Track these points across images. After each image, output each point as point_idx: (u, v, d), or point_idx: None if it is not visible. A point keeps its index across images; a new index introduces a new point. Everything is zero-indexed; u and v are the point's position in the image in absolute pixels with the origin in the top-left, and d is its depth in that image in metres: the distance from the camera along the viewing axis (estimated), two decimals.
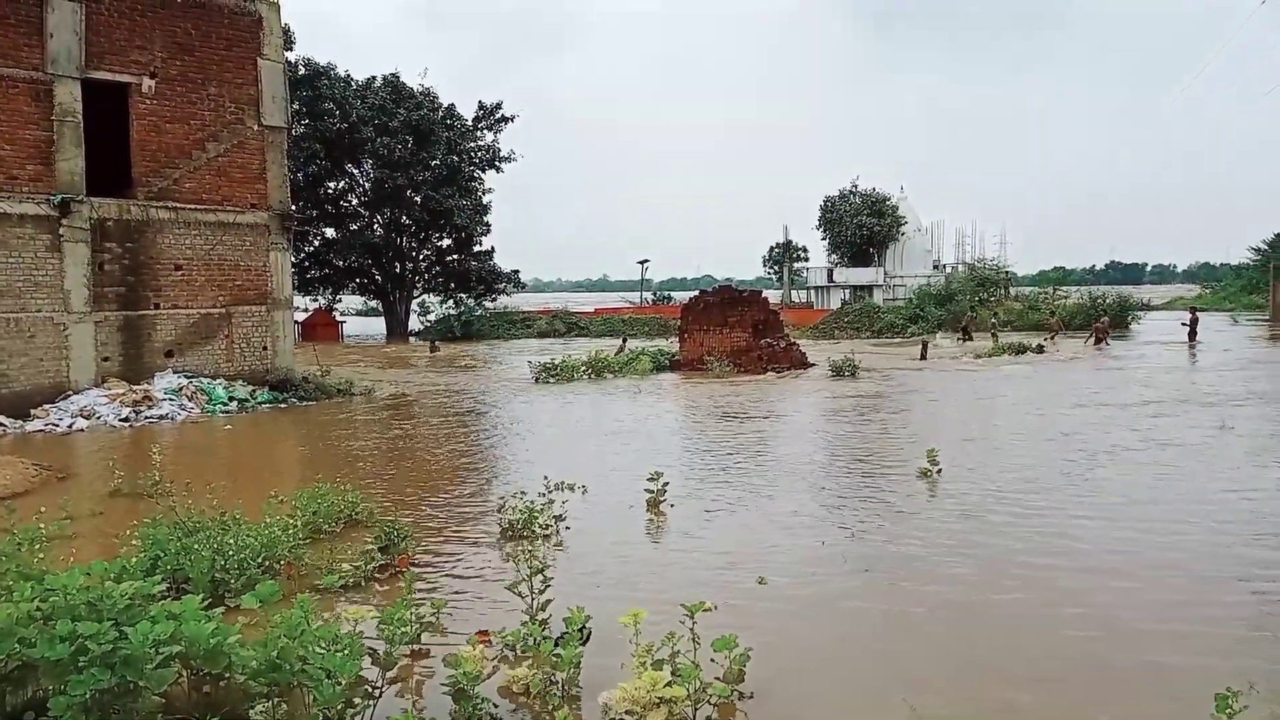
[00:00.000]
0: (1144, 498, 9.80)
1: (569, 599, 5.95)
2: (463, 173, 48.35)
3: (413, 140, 45.76)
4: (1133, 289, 70.42)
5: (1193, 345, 32.09)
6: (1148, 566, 7.44)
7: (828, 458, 12.90)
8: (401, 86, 46.89)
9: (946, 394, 20.39)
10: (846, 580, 7.24)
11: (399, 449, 13.99)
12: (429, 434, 15.51)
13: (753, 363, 25.86)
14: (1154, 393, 18.99)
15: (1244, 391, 18.82)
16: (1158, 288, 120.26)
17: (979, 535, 8.42)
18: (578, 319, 50.25)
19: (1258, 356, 28.64)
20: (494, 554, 8.08)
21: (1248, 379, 21.38)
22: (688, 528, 8.94)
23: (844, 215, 61.25)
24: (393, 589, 6.87)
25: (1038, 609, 6.53)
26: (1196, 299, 71.25)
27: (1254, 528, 8.49)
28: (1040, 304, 45.83)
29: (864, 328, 43.76)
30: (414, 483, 11.37)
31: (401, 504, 10.03)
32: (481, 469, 12.56)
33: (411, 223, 48.13)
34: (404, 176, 45.17)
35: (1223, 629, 6.09)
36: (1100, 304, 42.95)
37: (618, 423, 16.48)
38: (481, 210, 49.73)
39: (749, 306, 27.36)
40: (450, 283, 50.51)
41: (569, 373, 24.16)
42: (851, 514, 9.34)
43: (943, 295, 47.24)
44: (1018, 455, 12.38)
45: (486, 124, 49.83)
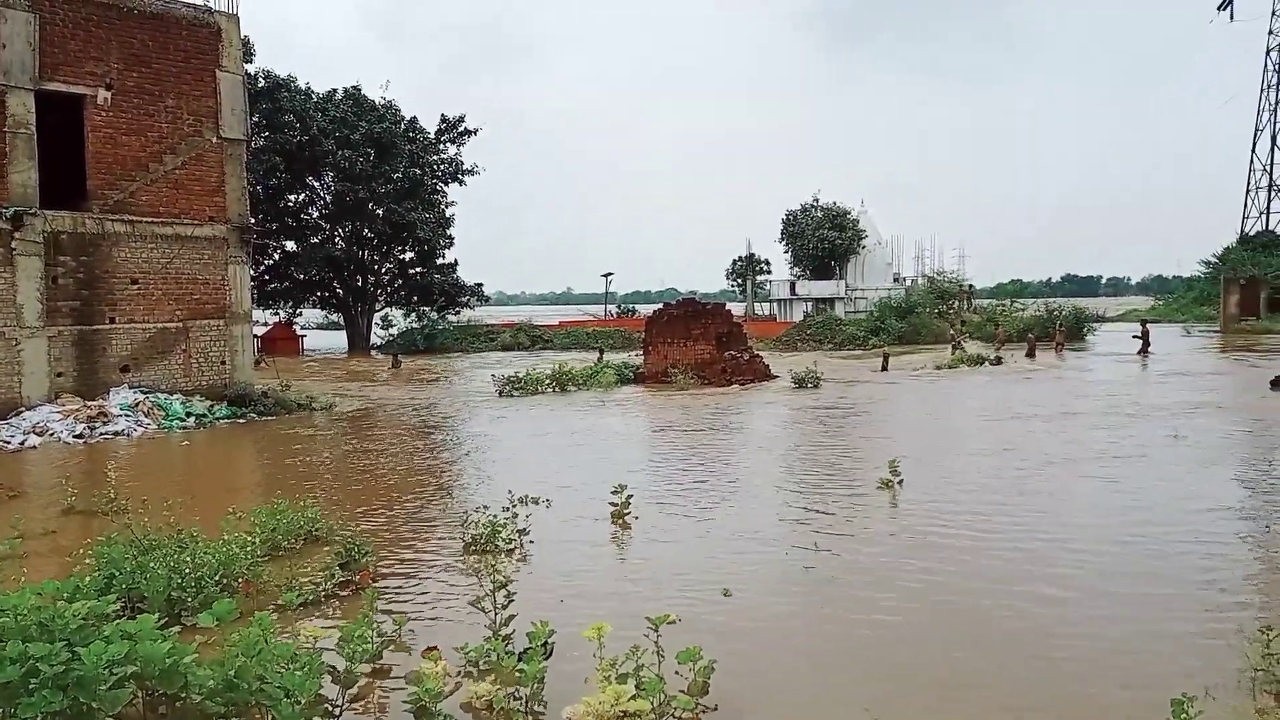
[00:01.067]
0: (1101, 506, 9.96)
1: (533, 613, 5.92)
2: (425, 186, 48.08)
3: (374, 153, 45.44)
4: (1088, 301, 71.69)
5: (1145, 356, 32.72)
6: (1109, 578, 7.55)
7: (791, 469, 12.97)
8: (363, 99, 46.58)
9: (907, 405, 20.60)
10: (810, 592, 7.28)
11: (360, 464, 13.84)
12: (391, 449, 15.37)
13: (717, 375, 25.95)
14: (1106, 403, 19.32)
15: (1196, 401, 19.21)
16: (1112, 300, 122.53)
17: (941, 546, 8.50)
18: (542, 332, 50.07)
19: (1208, 368, 29.26)
20: (457, 569, 8.01)
21: (1199, 389, 21.82)
22: (652, 540, 8.94)
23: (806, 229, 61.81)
24: (354, 606, 6.79)
25: (1000, 620, 6.61)
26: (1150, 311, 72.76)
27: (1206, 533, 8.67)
28: (998, 316, 46.50)
29: (826, 340, 44.08)
30: (376, 498, 11.25)
31: (363, 519, 9.91)
32: (444, 483, 12.46)
33: (373, 236, 47.73)
34: (365, 189, 44.82)
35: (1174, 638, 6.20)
36: (1056, 316, 43.64)
37: (582, 436, 16.44)
38: (444, 223, 49.46)
39: (713, 319, 27.48)
40: (413, 296, 50.14)
41: (533, 386, 24.08)
42: (815, 525, 9.39)
43: (903, 308, 47.78)
44: (977, 465, 12.53)
45: (449, 137, 49.62)
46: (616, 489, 9.69)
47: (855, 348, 42.31)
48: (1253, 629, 5.54)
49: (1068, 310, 45.61)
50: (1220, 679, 5.32)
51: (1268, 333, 45.68)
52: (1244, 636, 5.74)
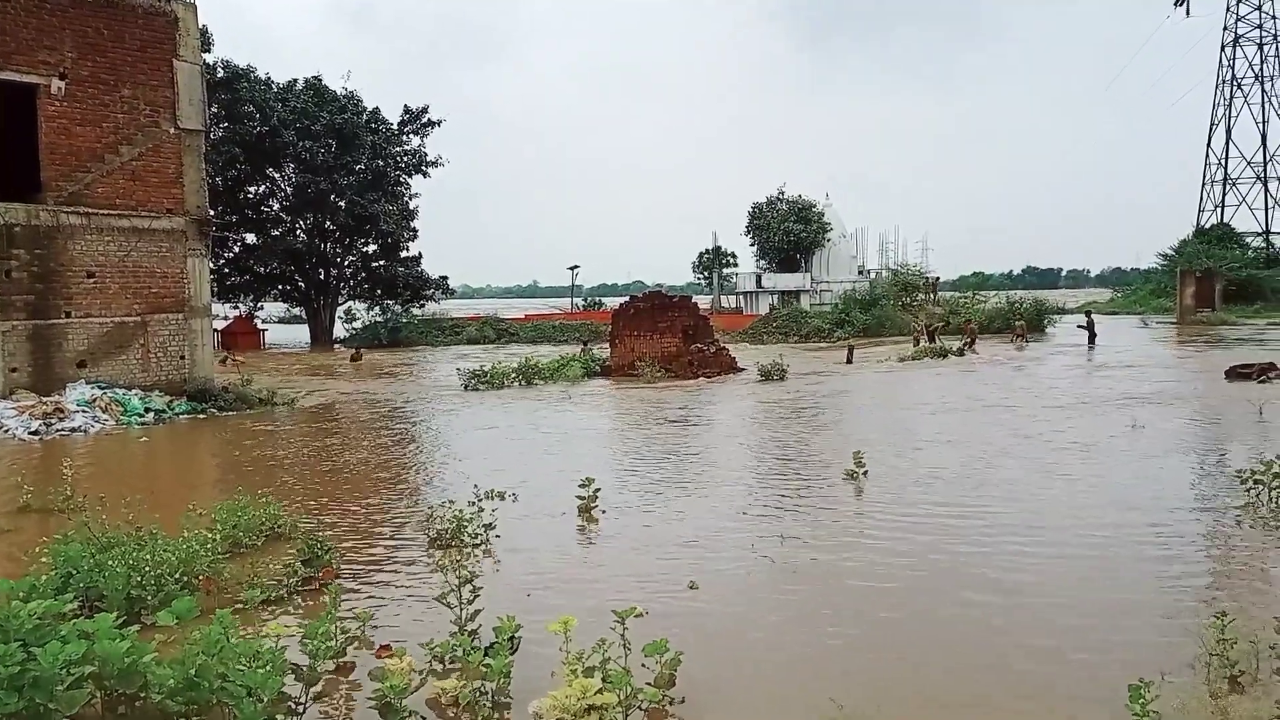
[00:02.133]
0: (1062, 494, 10.13)
1: (499, 608, 5.90)
2: (388, 177, 47.68)
3: (336, 144, 44.97)
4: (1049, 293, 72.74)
5: (1091, 348, 33.30)
6: (1070, 565, 7.69)
7: (757, 461, 13.05)
8: (324, 90, 46.06)
9: (872, 397, 20.78)
10: (776, 584, 7.33)
11: (323, 459, 13.71)
12: (354, 444, 15.24)
13: (683, 368, 26.01)
14: (1065, 394, 19.64)
15: (1154, 391, 19.57)
16: (1072, 292, 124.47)
17: (906, 537, 8.59)
18: (508, 325, 49.88)
19: (1165, 359, 29.83)
20: (422, 565, 7.97)
21: (1157, 380, 22.23)
22: (619, 533, 8.95)
23: (771, 222, 62.09)
24: (317, 603, 6.72)
25: (963, 610, 6.70)
26: (1108, 303, 74.14)
27: (1166, 523, 8.85)
28: (961, 308, 47.02)
29: (792, 332, 44.35)
30: (339, 494, 11.15)
31: (326, 516, 9.83)
32: (409, 478, 12.39)
33: (336, 228, 47.25)
34: (327, 181, 44.34)
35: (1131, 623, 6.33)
36: (1017, 308, 44.20)
37: (549, 429, 16.42)
38: (408, 215, 49.09)
39: (679, 312, 27.56)
40: (376, 289, 49.74)
41: (499, 379, 23.98)
42: (780, 517, 9.45)
43: (868, 300, 48.18)
44: (940, 456, 12.67)
45: (413, 128, 49.23)
46: (583, 483, 9.69)
47: (821, 340, 42.61)
48: (1208, 615, 5.66)
49: (1029, 302, 46.23)
50: (1176, 664, 5.44)
51: (1223, 324, 46.73)
52: (1200, 622, 5.86)
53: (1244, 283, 58.68)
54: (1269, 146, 73.42)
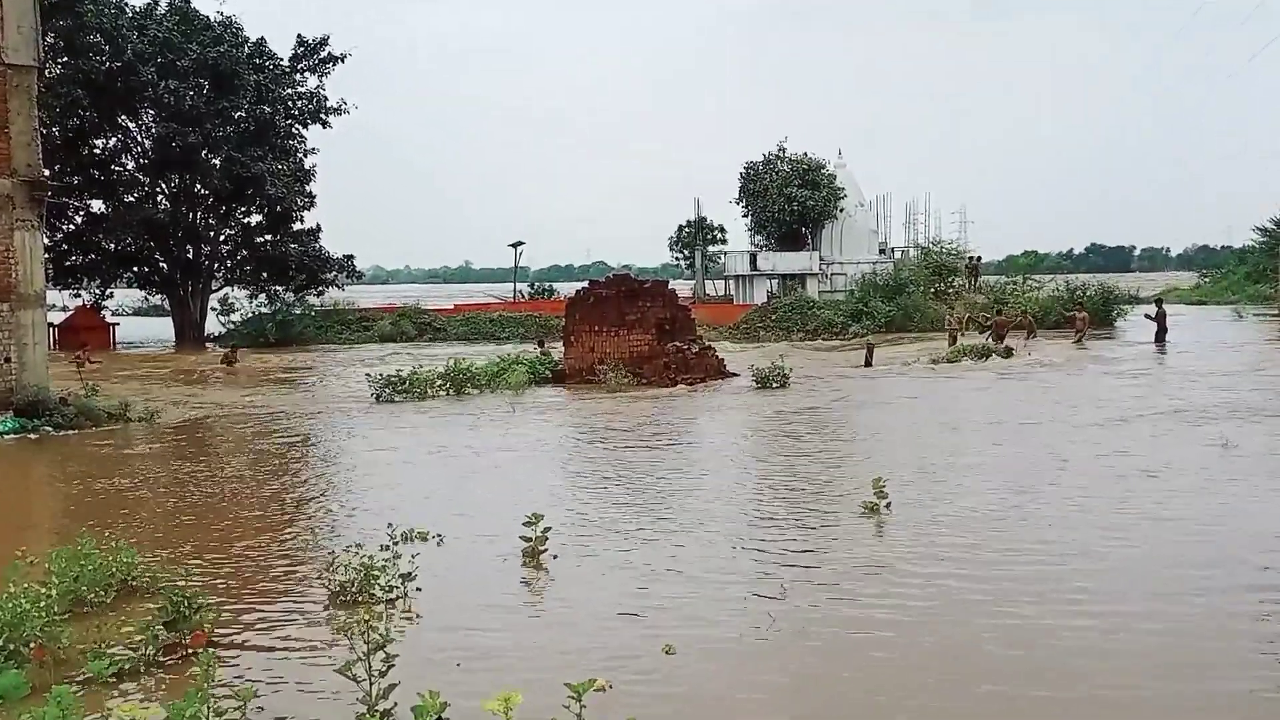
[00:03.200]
0: (1133, 541, 10.24)
1: (420, 682, 5.86)
2: (277, 128, 47.33)
3: (210, 85, 44.57)
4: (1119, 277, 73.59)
5: (1161, 345, 33.71)
6: (1129, 624, 7.77)
7: (751, 492, 13.07)
8: (194, 15, 45.70)
9: (897, 410, 20.92)
10: (775, 649, 7.34)
11: (192, 492, 13.56)
12: (233, 472, 15.09)
13: (658, 373, 26.03)
14: (1136, 405, 19.85)
15: (1247, 403, 19.84)
16: (1148, 276, 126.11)
17: (935, 589, 8.64)
18: (432, 319, 49.67)
19: (1263, 361, 30.26)
20: (321, 626, 7.91)
21: (1251, 388, 22.55)
22: (576, 584, 8.93)
23: (770, 187, 62.12)
24: (183, 677, 6.65)
25: (1007, 691, 6.74)
26: (1194, 290, 75.14)
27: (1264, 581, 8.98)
28: (1009, 296, 47.43)
29: (796, 327, 44.54)
30: (213, 536, 11.03)
31: (196, 564, 9.72)
32: (304, 516, 12.27)
33: (209, 193, 46.83)
34: (198, 132, 43.88)
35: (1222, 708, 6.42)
36: (1079, 296, 44.63)
37: (485, 453, 16.34)
38: (303, 177, 48.78)
39: (652, 301, 27.54)
40: (262, 272, 49.34)
41: (421, 388, 23.86)
42: (782, 564, 9.47)
43: (892, 286, 48.31)
44: (980, 485, 12.77)
45: (309, 65, 48.93)
46: (530, 520, 9.65)
47: (832, 336, 42.87)
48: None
49: (1093, 288, 46.70)
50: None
51: None
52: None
53: None
54: None
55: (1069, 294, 45.78)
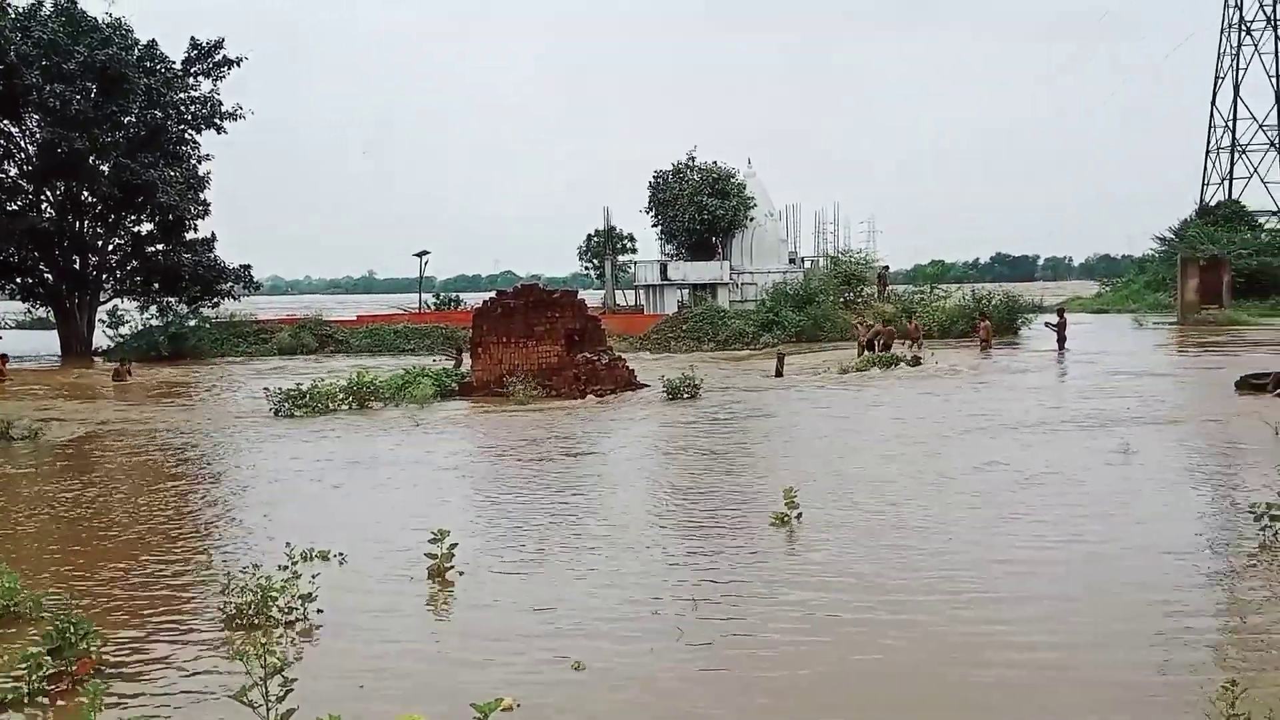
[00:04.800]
0: (1037, 545, 10.49)
1: (321, 706, 5.77)
2: (169, 133, 46.38)
3: (98, 88, 43.50)
4: (1023, 286, 75.41)
5: (1061, 353, 34.68)
6: (1051, 623, 7.97)
7: (661, 505, 13.12)
8: (81, 16, 44.56)
9: (808, 420, 21.16)
10: (685, 662, 7.38)
11: (80, 513, 13.21)
12: (123, 492, 14.73)
13: (568, 384, 25.99)
14: (1043, 413, 20.36)
15: (1148, 409, 20.48)
16: (1052, 285, 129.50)
17: (846, 598, 8.76)
18: (335, 330, 48.99)
19: (1163, 367, 31.27)
20: (216, 650, 7.75)
21: (1152, 395, 23.28)
22: (483, 601, 8.88)
23: (680, 196, 62.41)
24: (70, 705, 6.48)
25: (917, 699, 6.87)
26: (1095, 299, 77.26)
27: (1161, 569, 9.26)
28: (917, 305, 48.27)
29: (707, 337, 44.80)
30: (102, 559, 10.76)
31: (83, 589, 9.47)
32: (199, 537, 12.03)
33: (97, 201, 45.70)
34: (85, 138, 42.78)
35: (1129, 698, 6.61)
36: (984, 305, 45.56)
37: (389, 467, 16.18)
38: (196, 184, 47.85)
39: (561, 312, 27.51)
40: (153, 282, 48.24)
41: (322, 402, 23.52)
42: (692, 576, 9.52)
43: (801, 296, 48.82)
44: (890, 494, 12.98)
45: (203, 69, 48.05)
46: (436, 536, 9.57)
47: (743, 346, 43.20)
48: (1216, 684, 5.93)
49: (998, 298, 47.74)
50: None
51: (1232, 324, 49.08)
52: (1207, 694, 6.14)
53: (1256, 273, 61.78)
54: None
55: (975, 303, 46.70)
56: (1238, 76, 78.68)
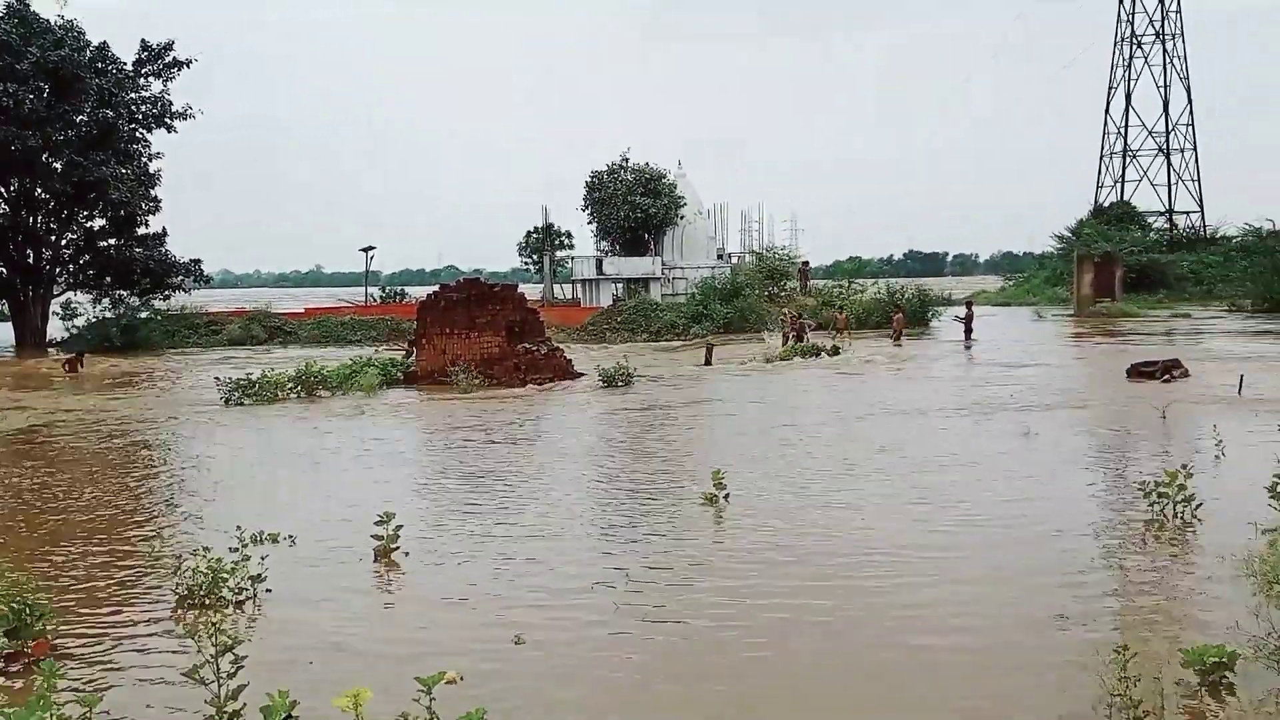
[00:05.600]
0: (944, 520, 10.66)
1: (271, 682, 5.68)
2: (120, 132, 45.27)
3: (50, 89, 42.35)
4: (933, 281, 76.48)
5: (968, 343, 35.30)
6: (955, 595, 8.10)
7: (598, 486, 13.12)
8: (32, 18, 43.29)
9: (735, 406, 21.27)
10: (618, 634, 7.39)
11: (33, 499, 12.89)
12: (76, 478, 14.39)
13: (508, 373, 25.88)
14: (951, 399, 20.70)
15: (1048, 395, 20.89)
16: (959, 280, 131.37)
17: (771, 572, 8.84)
18: (283, 322, 48.27)
19: (1060, 357, 31.92)
20: (169, 630, 7.61)
21: (1050, 382, 23.75)
22: (427, 580, 8.84)
23: (614, 195, 62.37)
24: (26, 685, 6.33)
25: (826, 656, 6.96)
26: (999, 293, 78.57)
27: (1061, 545, 9.45)
28: (836, 299, 48.75)
29: (640, 328, 44.86)
30: (55, 543, 10.53)
31: (39, 572, 9.22)
32: (150, 521, 11.80)
33: (49, 197, 44.50)
34: (38, 136, 41.64)
35: (1031, 661, 6.74)
36: (898, 298, 46.19)
37: (337, 453, 16.00)
38: (148, 181, 46.78)
39: (502, 305, 27.37)
40: (105, 276, 47.13)
41: (271, 391, 23.16)
42: (626, 553, 9.54)
43: (728, 289, 49.09)
44: (810, 475, 13.12)
45: (153, 70, 46.93)
46: (381, 519, 9.49)
47: (674, 337, 43.30)
48: (1109, 650, 6.07)
49: (911, 292, 48.41)
50: (1077, 707, 5.81)
51: (1124, 315, 50.27)
52: (1100, 659, 6.28)
53: (1146, 268, 63.43)
54: (1171, 115, 79.48)
55: (889, 297, 47.31)
56: (1129, 87, 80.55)
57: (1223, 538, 9.32)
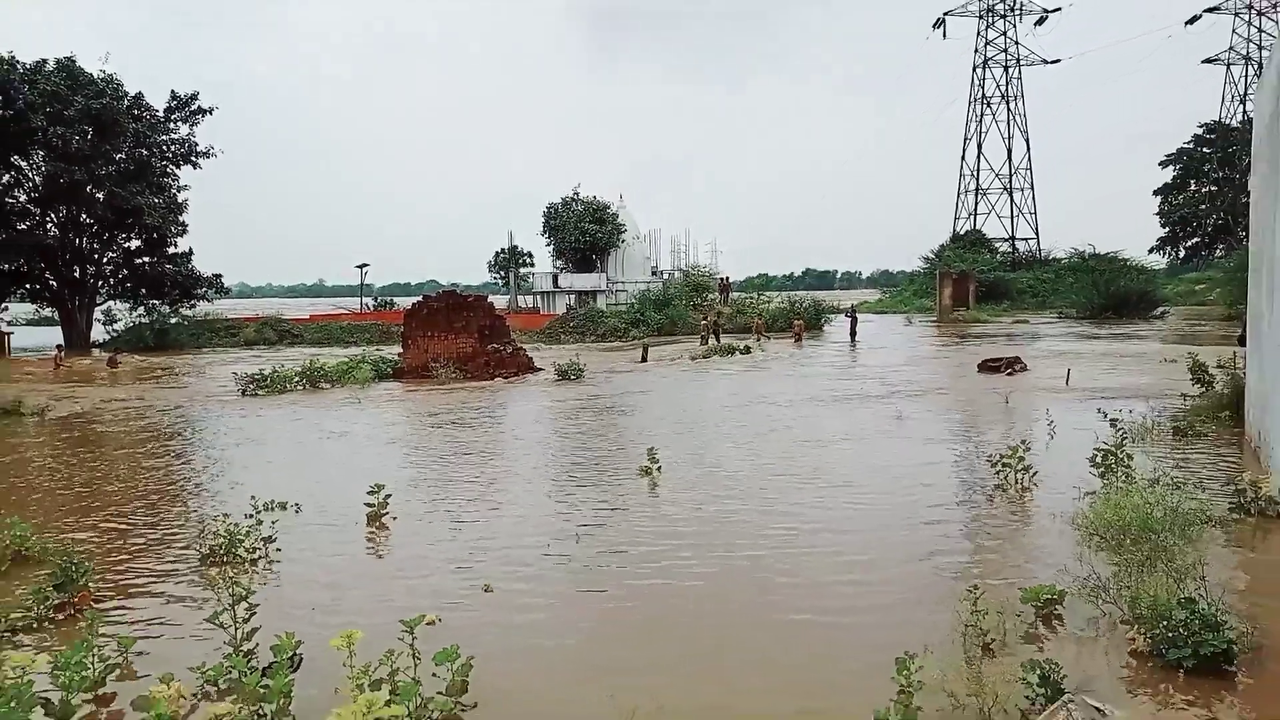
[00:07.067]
0: (836, 485, 10.78)
1: (279, 626, 5.59)
2: (153, 168, 44.17)
3: (93, 131, 41.15)
4: (826, 293, 77.28)
5: (853, 343, 35.81)
6: (840, 548, 8.19)
7: (552, 460, 13.07)
8: (78, 72, 42.00)
9: (665, 394, 21.31)
10: (573, 583, 7.37)
11: (79, 474, 12.53)
12: (115, 456, 14.02)
13: (480, 369, 25.69)
14: (839, 388, 20.94)
15: (915, 385, 21.21)
16: (847, 293, 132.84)
17: (697, 530, 8.87)
18: (291, 326, 47.38)
19: (926, 354, 32.42)
20: (193, 584, 7.44)
21: (918, 374, 24.12)
22: (411, 540, 8.73)
23: (567, 222, 62.32)
24: (72, 631, 6.16)
25: (742, 598, 6.99)
26: (878, 303, 79.64)
27: (926, 504, 9.60)
28: (747, 308, 49.09)
29: (589, 332, 44.75)
30: (97, 511, 10.23)
31: (82, 535, 9.00)
32: (178, 492, 11.52)
33: (93, 222, 43.28)
34: (83, 171, 40.48)
35: (901, 599, 6.84)
36: (798, 307, 46.64)
37: (336, 435, 15.75)
38: (176, 208, 45.68)
39: (475, 312, 27.15)
40: (141, 288, 45.97)
41: (281, 384, 22.75)
42: (577, 516, 9.52)
43: (661, 300, 49.35)
44: (729, 450, 13.18)
45: (180, 116, 45.84)
46: (373, 489, 9.37)
47: (617, 339, 43.24)
48: (965, 589, 6.18)
49: (808, 302, 48.90)
50: (939, 637, 5.91)
51: (976, 321, 51.23)
52: (956, 596, 6.39)
53: (993, 283, 64.75)
54: (1013, 160, 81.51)
55: (791, 306, 47.75)
56: (981, 138, 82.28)
57: (1053, 499, 9.53)
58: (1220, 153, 71.74)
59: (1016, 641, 5.85)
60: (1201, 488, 9.35)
